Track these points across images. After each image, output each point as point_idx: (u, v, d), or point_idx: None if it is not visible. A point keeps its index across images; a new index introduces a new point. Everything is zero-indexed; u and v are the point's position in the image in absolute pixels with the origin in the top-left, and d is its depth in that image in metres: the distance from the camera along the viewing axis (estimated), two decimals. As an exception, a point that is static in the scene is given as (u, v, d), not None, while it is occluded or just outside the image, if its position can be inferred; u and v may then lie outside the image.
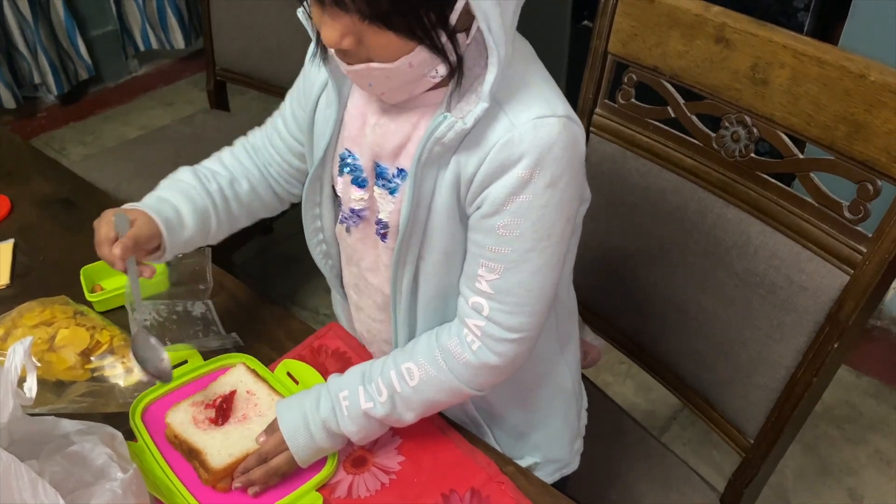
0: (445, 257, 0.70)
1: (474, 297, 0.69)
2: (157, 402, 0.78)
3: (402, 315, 0.75)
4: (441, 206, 0.67)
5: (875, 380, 1.76)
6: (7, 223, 1.06)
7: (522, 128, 0.62)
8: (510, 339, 0.69)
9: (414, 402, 0.72)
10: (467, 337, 0.70)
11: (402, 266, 0.71)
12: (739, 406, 0.97)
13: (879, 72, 0.76)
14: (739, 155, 0.90)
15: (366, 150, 0.71)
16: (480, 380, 0.72)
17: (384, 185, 0.71)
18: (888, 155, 0.76)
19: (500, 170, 0.63)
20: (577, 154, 0.66)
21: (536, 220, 0.65)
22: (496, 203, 0.64)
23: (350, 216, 0.76)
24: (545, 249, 0.66)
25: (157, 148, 1.72)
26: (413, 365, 0.72)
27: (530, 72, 0.67)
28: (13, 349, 0.57)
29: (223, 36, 1.80)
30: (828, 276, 0.83)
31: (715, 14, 0.89)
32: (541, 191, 0.63)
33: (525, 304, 0.68)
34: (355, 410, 0.72)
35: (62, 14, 2.66)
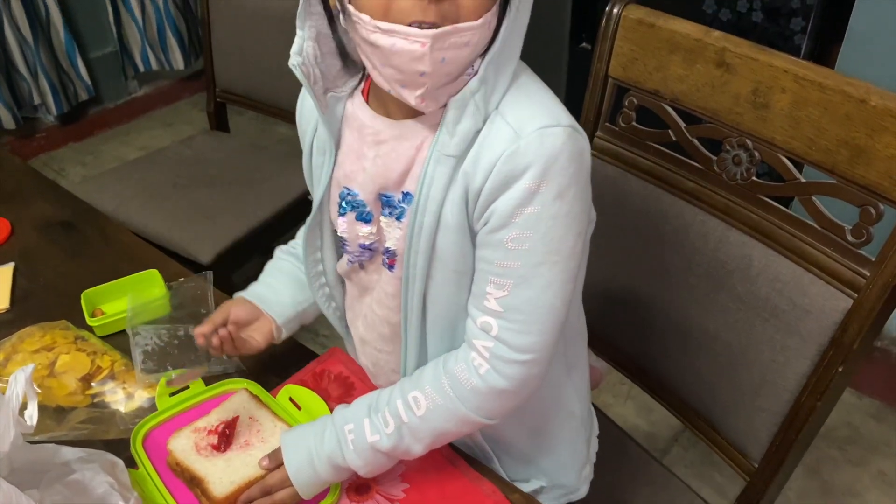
0: (455, 276, 0.69)
1: (483, 317, 0.68)
2: (158, 428, 0.77)
3: (413, 338, 0.74)
4: (451, 222, 0.66)
5: (876, 401, 1.76)
6: (7, 246, 1.05)
7: (528, 138, 0.62)
8: (520, 361, 0.68)
9: (422, 432, 0.71)
10: (474, 361, 0.69)
11: (412, 280, 0.70)
12: (743, 429, 0.97)
13: (880, 97, 0.76)
14: (741, 178, 0.90)
15: (367, 184, 0.71)
16: (489, 406, 0.70)
17: (391, 213, 0.71)
18: (890, 179, 0.76)
19: (506, 181, 0.63)
20: (584, 165, 0.65)
21: (546, 232, 0.64)
22: (504, 216, 0.64)
23: (361, 253, 0.75)
24: (556, 264, 0.65)
25: (158, 169, 1.72)
26: (419, 393, 0.70)
27: (532, 85, 0.67)
28: (15, 376, 0.56)
29: (223, 58, 1.80)
30: (831, 299, 0.83)
31: (715, 39, 0.89)
32: (549, 202, 0.63)
33: (535, 322, 0.67)
34: (361, 444, 0.71)
35: (63, 35, 2.67)
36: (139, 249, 1.05)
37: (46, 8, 2.61)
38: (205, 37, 1.80)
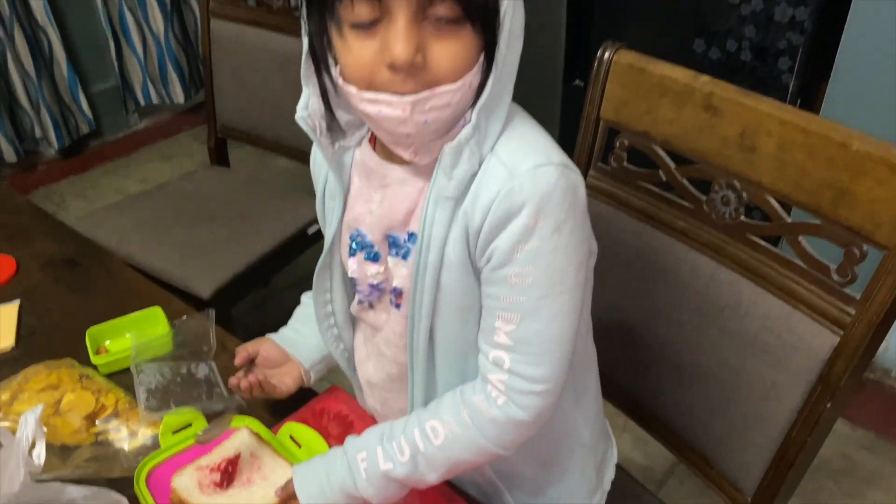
0: (461, 312, 0.71)
1: (494, 352, 0.70)
2: (161, 466, 0.79)
3: (420, 376, 0.76)
4: (454, 259, 0.69)
5: (870, 432, 1.77)
6: (12, 284, 1.07)
7: (522, 177, 0.64)
8: (535, 392, 0.70)
9: (438, 461, 0.72)
10: (492, 393, 0.71)
11: (418, 318, 0.72)
12: (736, 464, 0.98)
13: (861, 141, 0.79)
14: (730, 218, 0.92)
15: (375, 226, 0.74)
16: (506, 437, 0.72)
17: (397, 253, 0.73)
18: (872, 221, 0.78)
19: (504, 219, 0.65)
20: (578, 200, 0.68)
21: (547, 265, 0.66)
22: (505, 253, 0.66)
23: (370, 293, 0.77)
24: (559, 295, 0.68)
25: (159, 204, 1.75)
26: (438, 423, 0.72)
27: (525, 125, 0.70)
28: (24, 418, 0.58)
29: (224, 95, 1.84)
30: (819, 336, 0.85)
31: (703, 84, 0.92)
32: (547, 236, 0.65)
33: (545, 353, 0.69)
34: (374, 472, 0.72)
35: (65, 70, 2.72)
36: (142, 286, 1.07)
37: (49, 43, 2.66)
38: (206, 74, 1.84)
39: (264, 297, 2.16)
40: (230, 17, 1.75)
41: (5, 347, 0.96)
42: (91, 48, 2.84)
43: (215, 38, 1.79)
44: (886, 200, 0.77)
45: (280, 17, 1.67)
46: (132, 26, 2.85)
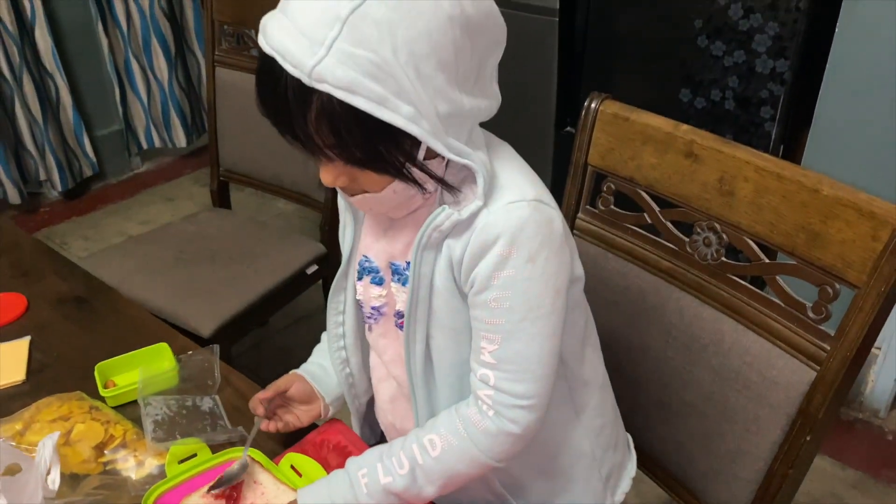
0: (454, 333, 0.78)
1: (481, 370, 0.76)
2: (167, 494, 0.82)
3: (421, 393, 0.81)
4: (441, 286, 0.75)
5: (859, 472, 1.79)
6: (23, 321, 1.11)
7: (497, 213, 0.71)
8: (520, 406, 0.75)
9: (435, 473, 0.77)
10: (482, 406, 0.76)
11: (412, 342, 0.78)
12: (723, 498, 1.01)
13: (831, 186, 0.84)
14: (711, 258, 0.97)
15: (381, 254, 0.81)
16: (498, 448, 0.77)
17: (398, 280, 0.80)
18: (843, 261, 0.83)
19: (481, 250, 0.71)
20: (553, 232, 0.73)
21: (523, 292, 0.72)
22: (484, 280, 0.72)
23: (372, 314, 0.84)
24: (536, 320, 0.73)
25: (162, 244, 1.79)
26: (435, 436, 0.77)
27: (507, 166, 0.76)
28: (42, 443, 0.61)
29: (227, 139, 1.90)
30: (797, 371, 0.89)
31: (684, 132, 0.98)
32: (521, 265, 0.71)
33: (526, 371, 0.75)
34: (374, 486, 0.77)
35: (71, 114, 2.79)
36: (149, 324, 1.11)
37: (56, 88, 2.73)
38: (210, 119, 1.90)
39: (262, 336, 2.19)
40: (234, 66, 1.82)
41: (16, 381, 0.99)
42: (96, 93, 2.92)
43: (219, 84, 1.85)
44: (855, 242, 0.82)
45: (283, 66, 1.73)
46: (137, 72, 2.93)
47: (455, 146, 0.68)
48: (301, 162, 1.78)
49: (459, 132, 0.69)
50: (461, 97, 0.67)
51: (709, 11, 1.80)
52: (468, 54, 0.66)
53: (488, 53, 0.70)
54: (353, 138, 0.65)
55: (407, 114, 0.62)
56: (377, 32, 0.60)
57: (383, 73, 0.61)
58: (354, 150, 0.66)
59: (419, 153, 0.69)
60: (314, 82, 0.61)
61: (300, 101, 0.63)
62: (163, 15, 2.86)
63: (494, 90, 0.74)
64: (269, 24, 0.65)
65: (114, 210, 2.95)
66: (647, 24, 1.95)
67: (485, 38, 0.68)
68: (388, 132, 0.64)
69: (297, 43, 0.61)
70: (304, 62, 0.61)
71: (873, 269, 0.80)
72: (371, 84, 0.61)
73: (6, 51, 2.53)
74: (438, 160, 0.72)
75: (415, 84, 0.62)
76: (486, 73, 0.71)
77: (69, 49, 2.78)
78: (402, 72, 0.61)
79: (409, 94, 0.62)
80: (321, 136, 0.65)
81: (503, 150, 0.78)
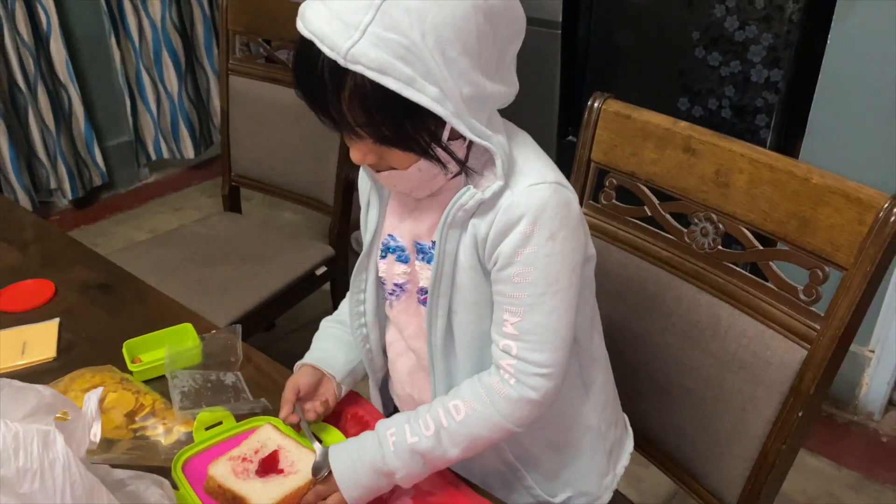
0: (475, 307, 0.83)
1: (504, 341, 0.81)
2: (195, 458, 0.86)
3: (440, 366, 0.86)
4: (465, 262, 0.81)
5: (855, 472, 1.83)
6: (52, 305, 1.16)
7: (520, 194, 0.76)
8: (540, 374, 0.81)
9: (459, 436, 0.81)
10: (504, 375, 0.82)
11: (434, 316, 0.83)
12: (720, 477, 1.05)
13: (820, 175, 0.89)
14: (708, 247, 1.02)
15: (406, 233, 0.86)
16: (519, 414, 0.82)
17: (423, 258, 0.85)
18: (832, 245, 0.88)
19: (505, 229, 0.77)
20: (571, 212, 0.79)
21: (544, 267, 0.77)
22: (508, 257, 0.78)
23: (394, 290, 0.89)
24: (556, 293, 0.79)
25: (176, 246, 1.84)
26: (460, 402, 0.82)
27: (526, 152, 0.81)
28: (88, 396, 0.66)
29: (239, 145, 1.95)
30: (790, 351, 0.93)
31: (682, 128, 1.03)
32: (542, 243, 0.77)
33: (546, 342, 0.80)
34: (401, 445, 0.81)
35: (83, 125, 2.85)
36: (173, 308, 1.16)
37: (70, 99, 2.79)
38: (223, 126, 1.95)
39: (269, 340, 2.23)
40: (246, 74, 1.88)
41: (48, 358, 1.04)
42: (108, 104, 2.98)
43: (233, 92, 1.91)
44: (843, 226, 0.87)
45: (295, 74, 1.79)
46: (148, 85, 3.00)
47: (476, 128, 0.73)
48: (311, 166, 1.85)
49: (480, 115, 0.74)
50: (483, 81, 0.72)
51: (706, 23, 1.87)
52: (490, 41, 0.72)
53: (509, 42, 0.76)
54: (383, 117, 0.70)
55: (433, 94, 0.68)
56: (407, 18, 0.66)
57: (412, 55, 0.66)
58: (383, 129, 0.71)
59: (443, 134, 0.74)
60: (349, 63, 0.66)
61: (335, 81, 0.68)
62: (174, 29, 2.93)
63: (513, 78, 0.79)
64: (307, 10, 0.70)
65: (122, 219, 3.00)
66: (647, 36, 2.02)
67: (506, 27, 0.74)
68: (415, 112, 0.69)
69: (333, 27, 0.67)
70: (340, 45, 0.66)
71: (859, 251, 0.85)
72: (401, 66, 0.66)
73: (22, 61, 2.60)
74: (460, 142, 0.77)
75: (441, 67, 0.67)
76: (506, 60, 0.77)
77: (82, 61, 2.85)
78: (429, 55, 0.67)
79: (436, 76, 0.67)
80: (353, 114, 0.71)
81: (522, 137, 0.84)
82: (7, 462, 0.55)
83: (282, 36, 1.81)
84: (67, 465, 0.58)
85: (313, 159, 1.82)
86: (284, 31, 1.78)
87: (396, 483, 0.83)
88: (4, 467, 0.55)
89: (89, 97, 2.89)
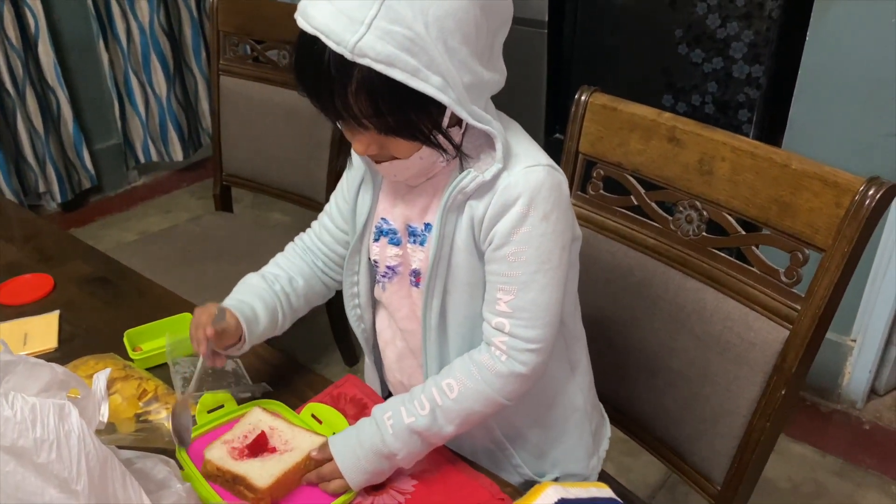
0: (470, 288, 0.85)
1: (497, 319, 0.84)
2: (198, 440, 0.89)
3: (432, 347, 0.89)
4: (461, 244, 0.83)
5: (839, 459, 1.87)
6: (52, 298, 1.18)
7: (516, 176, 0.79)
8: (531, 349, 0.83)
9: (454, 413, 0.84)
10: (495, 352, 0.84)
11: (430, 297, 0.86)
12: (707, 456, 1.08)
13: (798, 161, 0.93)
14: (693, 234, 1.05)
15: (398, 216, 0.89)
16: (510, 388, 0.85)
17: (415, 241, 0.88)
18: (811, 228, 0.92)
19: (502, 209, 0.80)
20: (563, 194, 0.83)
21: (538, 246, 0.81)
22: (504, 236, 0.81)
23: (386, 273, 0.91)
24: (548, 271, 0.82)
25: (169, 245, 1.86)
26: (452, 380, 0.85)
27: (519, 136, 0.85)
28: (97, 376, 0.68)
29: (230, 144, 1.97)
30: (772, 332, 0.97)
31: (666, 119, 1.07)
32: (537, 223, 0.80)
33: (538, 318, 0.83)
34: (399, 426, 0.84)
35: (71, 128, 2.85)
36: (171, 299, 1.18)
37: (58, 102, 2.80)
38: (214, 125, 1.97)
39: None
40: (237, 74, 1.91)
41: (49, 348, 1.06)
42: (96, 107, 2.99)
43: (223, 92, 1.93)
44: (821, 209, 0.90)
45: (284, 74, 1.82)
46: (136, 88, 3.01)
47: (476, 113, 0.76)
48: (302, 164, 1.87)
49: (479, 102, 0.77)
50: (480, 69, 0.76)
51: (688, 21, 1.91)
52: (485, 30, 0.75)
53: (498, 30, 0.79)
54: (389, 107, 0.73)
55: (437, 84, 0.71)
56: (411, 11, 0.69)
57: (417, 46, 0.69)
58: (388, 118, 0.74)
59: (444, 121, 0.77)
60: (356, 57, 0.69)
61: (342, 74, 0.71)
62: (162, 32, 2.95)
63: (501, 65, 0.82)
64: (309, 7, 0.72)
65: (111, 222, 3.00)
66: (631, 34, 2.06)
67: (497, 16, 0.77)
68: (420, 101, 0.72)
69: (339, 22, 0.69)
70: (347, 39, 0.68)
71: (837, 232, 0.89)
72: (406, 57, 0.69)
73: (10, 65, 2.60)
74: (457, 129, 0.81)
75: (444, 57, 0.70)
76: (495, 48, 0.80)
77: (71, 64, 2.85)
78: (433, 46, 0.70)
79: (439, 66, 0.70)
80: (360, 106, 0.73)
81: (513, 124, 0.87)
82: (25, 433, 0.58)
83: (272, 36, 1.83)
84: (82, 437, 0.60)
85: (304, 157, 1.84)
86: (274, 31, 1.81)
87: (398, 464, 0.86)
88: (23, 438, 0.57)
89: (78, 100, 2.90)
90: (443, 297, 0.86)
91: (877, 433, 1.94)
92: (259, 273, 1.02)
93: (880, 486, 1.79)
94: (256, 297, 0.97)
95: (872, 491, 1.78)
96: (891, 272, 1.80)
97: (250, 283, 1.00)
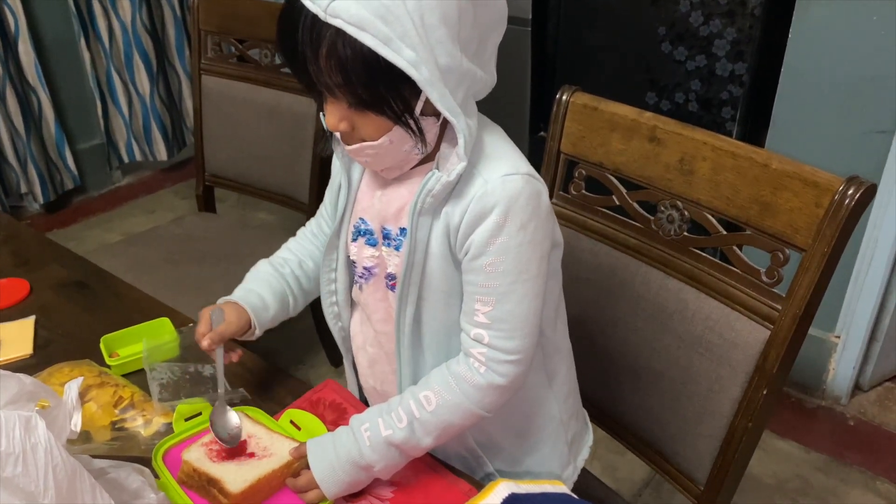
0: (445, 296, 0.84)
1: (475, 330, 0.82)
2: (175, 448, 0.87)
3: (406, 353, 0.87)
4: (436, 251, 0.82)
5: (823, 455, 1.88)
6: (27, 302, 1.16)
7: (493, 183, 0.78)
8: (510, 361, 0.82)
9: (431, 425, 0.83)
10: (474, 364, 0.83)
11: (404, 303, 0.84)
12: (690, 456, 1.08)
13: (779, 161, 0.93)
14: (674, 234, 1.05)
15: (374, 217, 0.87)
16: (488, 400, 0.84)
17: (389, 244, 0.86)
18: (791, 228, 0.92)
19: (478, 218, 0.78)
20: (542, 203, 0.81)
21: (515, 256, 0.79)
22: (480, 246, 0.79)
23: (363, 274, 0.90)
24: (526, 281, 0.81)
25: (152, 246, 1.84)
26: (430, 392, 0.84)
27: (500, 141, 0.84)
28: (69, 385, 0.67)
29: (212, 144, 1.96)
30: (753, 331, 0.96)
31: (647, 118, 1.06)
32: (514, 233, 0.78)
33: (517, 329, 0.82)
34: (376, 439, 0.83)
35: (53, 128, 2.83)
36: (149, 303, 1.17)
37: (39, 102, 2.77)
38: (196, 125, 1.96)
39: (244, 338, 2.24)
40: (219, 73, 1.89)
41: (24, 354, 1.05)
42: (78, 107, 2.96)
43: (205, 92, 1.92)
44: (801, 209, 0.90)
45: (267, 73, 1.81)
46: (119, 87, 2.98)
47: (447, 99, 0.74)
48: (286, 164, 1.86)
49: (456, 91, 0.75)
50: (461, 56, 0.74)
51: (671, 19, 1.91)
52: (471, 20, 0.73)
53: (490, 29, 0.78)
54: (358, 76, 0.71)
55: (409, 57, 0.69)
56: None
57: (392, 14, 0.68)
58: (358, 89, 0.72)
59: (417, 106, 0.75)
60: (329, 17, 0.68)
61: (314, 35, 0.70)
62: (144, 30, 2.92)
63: (492, 69, 0.81)
64: None
65: (95, 223, 2.98)
66: (615, 32, 2.06)
67: (487, 10, 0.76)
68: (391, 75, 0.70)
69: None
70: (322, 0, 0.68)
71: (817, 232, 0.88)
72: (379, 24, 0.68)
73: (-10, 64, 2.57)
74: (433, 121, 0.78)
75: (419, 30, 0.69)
76: (487, 49, 0.79)
77: (52, 63, 2.82)
78: (408, 17, 0.68)
79: (413, 40, 0.69)
80: (330, 73, 0.72)
81: (495, 129, 0.86)
82: (-10, 447, 0.56)
83: (253, 35, 1.82)
84: (49, 450, 0.59)
85: (287, 157, 1.83)
86: (256, 30, 1.79)
87: (376, 475, 0.85)
88: (-13, 452, 0.56)
89: (59, 100, 2.87)
90: (417, 303, 0.85)
91: (861, 429, 1.95)
92: (268, 259, 1.04)
93: (865, 481, 1.80)
94: (265, 285, 0.99)
95: (857, 487, 1.79)
96: (874, 268, 1.81)
97: (259, 270, 1.02)
